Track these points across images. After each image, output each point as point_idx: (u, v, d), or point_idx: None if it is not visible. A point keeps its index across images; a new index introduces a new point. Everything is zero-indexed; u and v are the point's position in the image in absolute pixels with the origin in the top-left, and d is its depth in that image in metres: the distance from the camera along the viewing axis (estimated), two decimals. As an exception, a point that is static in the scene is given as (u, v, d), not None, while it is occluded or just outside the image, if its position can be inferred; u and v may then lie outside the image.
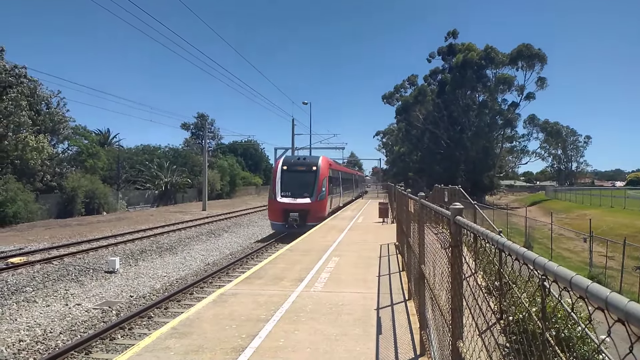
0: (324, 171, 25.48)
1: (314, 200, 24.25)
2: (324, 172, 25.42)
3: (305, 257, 12.09)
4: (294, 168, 25.39)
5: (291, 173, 25.02)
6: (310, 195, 24.27)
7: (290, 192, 24.23)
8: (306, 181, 24.56)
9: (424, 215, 5.45)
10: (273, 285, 8.96)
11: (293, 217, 23.56)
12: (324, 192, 24.81)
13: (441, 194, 16.19)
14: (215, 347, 5.62)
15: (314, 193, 24.36)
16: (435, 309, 4.25)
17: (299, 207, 23.90)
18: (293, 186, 24.33)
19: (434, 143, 63.76)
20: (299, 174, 25.02)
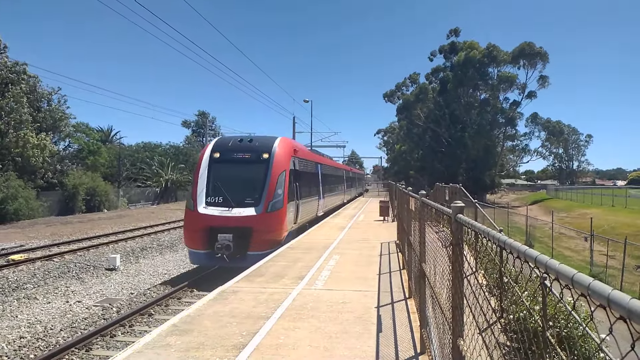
0: (282, 161, 15.50)
1: (261, 210, 14.27)
2: (282, 162, 15.47)
3: (306, 255, 12.09)
4: (230, 156, 15.57)
5: (226, 165, 15.35)
6: (255, 203, 14.47)
7: (221, 198, 14.56)
8: (251, 178, 15.04)
9: (425, 213, 5.45)
10: (274, 282, 8.96)
11: (224, 240, 13.71)
12: (280, 197, 14.71)
13: (442, 193, 16.18)
14: (216, 344, 5.63)
15: (263, 198, 14.47)
16: (436, 307, 4.25)
17: (235, 222, 14.03)
18: (227, 187, 14.66)
19: (435, 141, 63.73)
20: (238, 167, 15.33)
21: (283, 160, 15.65)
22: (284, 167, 15.50)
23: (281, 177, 15.10)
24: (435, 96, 62.21)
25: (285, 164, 15.68)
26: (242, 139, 16.24)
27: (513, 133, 63.65)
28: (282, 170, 15.30)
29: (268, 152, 15.43)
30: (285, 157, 15.91)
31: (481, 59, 57.01)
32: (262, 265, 10.79)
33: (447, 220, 3.75)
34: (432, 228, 5.30)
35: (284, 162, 15.62)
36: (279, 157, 15.49)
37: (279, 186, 14.82)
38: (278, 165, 15.21)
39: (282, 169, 15.33)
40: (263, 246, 13.69)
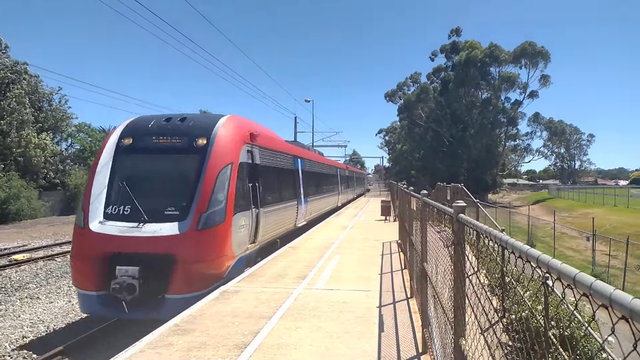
0: (226, 150, 10.38)
1: (188, 226, 9.00)
2: (226, 152, 10.35)
3: (307, 255, 12.10)
4: (148, 143, 10.36)
5: (139, 157, 10.29)
6: (180, 215, 9.24)
7: (127, 208, 9.46)
8: (176, 176, 10.19)
9: (426, 213, 5.44)
10: (275, 282, 8.96)
11: (124, 276, 8.49)
12: (220, 206, 9.53)
13: (444, 192, 16.17)
14: (218, 344, 5.63)
15: (193, 208, 9.26)
16: (438, 307, 4.25)
17: (146, 246, 8.78)
18: (138, 191, 9.66)
19: (436, 141, 63.71)
20: (158, 159, 10.22)
21: (229, 149, 10.29)
22: (230, 158, 10.15)
23: (223, 174, 9.77)
24: (436, 96, 62.18)
25: (233, 155, 10.33)
26: (171, 117, 10.67)
27: (515, 133, 63.63)
28: (227, 163, 9.97)
29: (206, 137, 10.04)
30: (232, 145, 10.49)
31: (483, 58, 56.95)
32: (263, 266, 10.80)
33: (448, 220, 3.76)
34: (434, 228, 5.30)
35: (230, 152, 10.27)
36: (223, 144, 10.14)
37: (218, 188, 9.49)
38: (220, 156, 9.90)
39: (227, 161, 10.00)
40: (192, 284, 8.52)
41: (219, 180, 9.63)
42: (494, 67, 58.65)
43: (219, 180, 9.65)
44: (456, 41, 62.41)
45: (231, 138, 10.56)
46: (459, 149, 59.04)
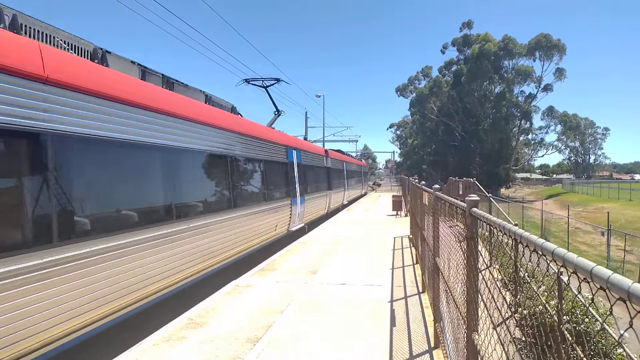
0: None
1: None
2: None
3: (318, 250, 12.12)
4: None
5: None
6: None
7: None
8: None
9: (438, 207, 5.41)
10: (287, 276, 9.00)
11: None
12: None
13: (456, 187, 16.05)
14: (231, 337, 5.68)
15: None
16: (450, 302, 4.23)
17: None
18: None
19: (448, 135, 63.23)
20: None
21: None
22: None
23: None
24: (448, 89, 61.63)
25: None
26: None
27: (528, 127, 62.82)
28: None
29: None
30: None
31: (496, 51, 56.24)
32: (275, 260, 10.85)
33: (461, 214, 3.73)
34: (446, 222, 5.27)
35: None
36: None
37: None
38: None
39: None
40: None
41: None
42: (507, 60, 57.90)
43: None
44: (468, 34, 61.74)
45: None
46: (472, 143, 58.55)
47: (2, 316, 4.21)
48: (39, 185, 4.78)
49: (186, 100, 8.48)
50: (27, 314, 4.45)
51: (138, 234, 6.24)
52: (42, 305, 4.64)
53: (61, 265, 4.89)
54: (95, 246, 5.39)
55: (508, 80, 57.63)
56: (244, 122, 11.79)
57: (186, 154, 7.83)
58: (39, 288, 4.59)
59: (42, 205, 4.79)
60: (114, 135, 5.92)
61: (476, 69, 56.74)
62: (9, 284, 4.28)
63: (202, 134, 8.58)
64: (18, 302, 4.37)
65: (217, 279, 8.89)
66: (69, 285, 5.01)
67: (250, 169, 11.62)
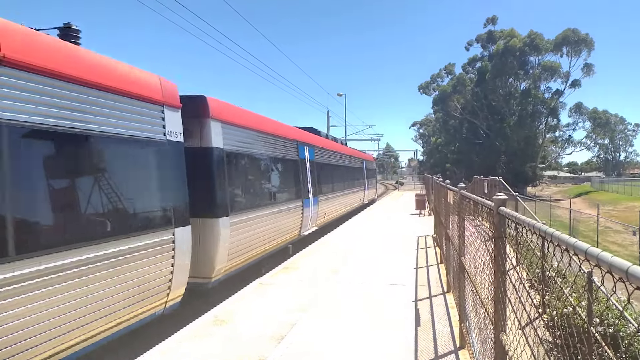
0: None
1: None
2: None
3: (340, 249, 12.12)
4: None
5: None
6: None
7: None
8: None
9: (464, 206, 5.35)
10: (310, 275, 9.04)
11: None
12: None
13: (481, 186, 15.83)
14: (255, 334, 5.74)
15: None
16: (477, 302, 4.18)
17: None
18: None
19: (472, 133, 62.28)
20: None
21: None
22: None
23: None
24: (472, 87, 60.69)
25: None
26: None
27: (555, 124, 61.26)
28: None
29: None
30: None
31: (522, 47, 55.07)
32: (297, 259, 10.90)
33: (487, 213, 3.68)
34: (471, 222, 5.21)
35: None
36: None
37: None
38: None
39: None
40: None
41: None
42: (533, 56, 56.63)
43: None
44: (492, 30, 60.66)
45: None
46: (496, 141, 57.51)
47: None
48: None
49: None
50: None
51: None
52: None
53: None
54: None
55: (534, 77, 56.39)
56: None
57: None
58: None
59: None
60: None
61: (501, 65, 55.68)
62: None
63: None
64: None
65: (242, 275, 8.99)
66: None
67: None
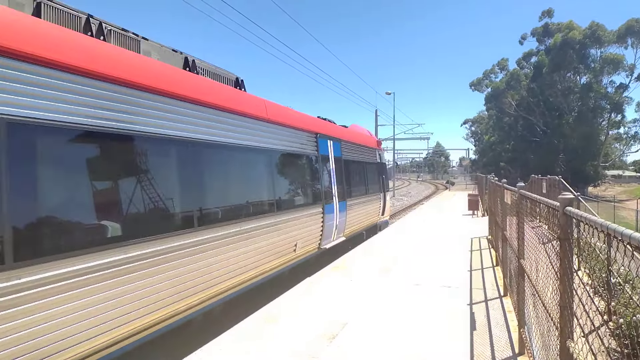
0: None
1: None
2: None
3: (390, 250, 11.98)
4: None
5: None
6: None
7: None
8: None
9: (523, 207, 5.13)
10: (359, 275, 8.98)
11: None
12: None
13: (539, 185, 15.15)
14: (306, 333, 5.77)
15: None
16: (538, 306, 3.99)
17: None
18: None
19: (528, 131, 59.78)
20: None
21: None
22: None
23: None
24: (528, 82, 58.26)
25: None
26: None
27: (620, 119, 57.60)
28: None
29: None
30: None
31: (582, 39, 52.25)
32: (346, 259, 10.87)
33: (548, 213, 3.51)
34: (529, 223, 4.99)
35: None
36: None
37: None
38: None
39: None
40: None
41: None
42: (594, 49, 53.55)
43: None
44: (548, 23, 57.99)
45: None
46: (554, 138, 54.87)
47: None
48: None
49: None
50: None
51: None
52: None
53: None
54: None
55: (595, 70, 53.30)
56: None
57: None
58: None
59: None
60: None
61: (559, 59, 53.06)
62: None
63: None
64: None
65: (292, 273, 9.09)
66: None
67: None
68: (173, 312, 5.60)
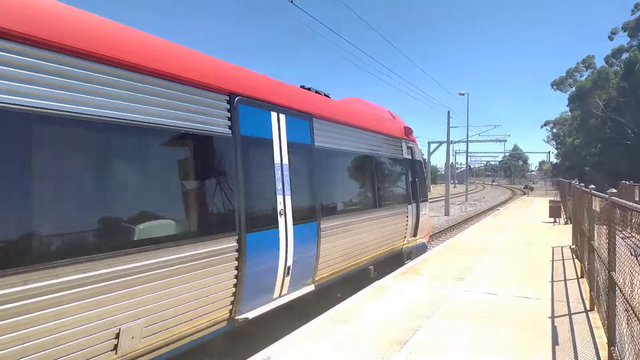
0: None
1: None
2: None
3: (463, 257, 11.54)
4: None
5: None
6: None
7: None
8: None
9: (615, 215, 4.73)
10: (431, 282, 8.75)
11: None
12: None
13: (630, 192, 13.93)
14: (374, 336, 5.70)
15: None
16: (633, 324, 3.64)
17: None
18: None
19: (617, 133, 55.06)
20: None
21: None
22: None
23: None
24: (618, 81, 53.71)
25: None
26: None
27: None
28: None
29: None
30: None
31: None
32: (417, 264, 10.63)
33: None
34: (620, 233, 4.58)
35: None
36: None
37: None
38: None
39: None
40: None
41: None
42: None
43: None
44: (644, 16, 53.14)
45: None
46: (648, 142, 50.10)
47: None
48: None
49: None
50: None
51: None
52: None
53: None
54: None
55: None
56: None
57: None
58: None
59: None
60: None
61: (656, 54, 48.43)
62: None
63: None
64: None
65: (361, 277, 9.04)
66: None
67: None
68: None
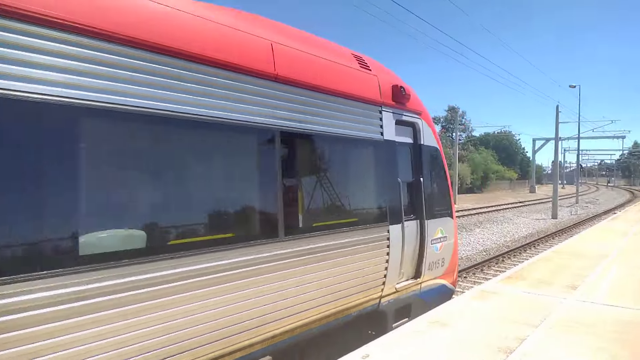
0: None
1: None
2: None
3: (575, 262, 10.57)
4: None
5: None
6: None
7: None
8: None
9: None
10: (538, 288, 8.12)
11: None
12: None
13: None
14: (479, 343, 5.42)
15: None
16: None
17: None
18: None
19: None
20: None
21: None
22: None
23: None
24: None
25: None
26: None
27: None
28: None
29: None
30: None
31: None
32: (523, 269, 9.96)
33: None
34: None
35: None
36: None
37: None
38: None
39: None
40: None
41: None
42: None
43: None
44: None
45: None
46: None
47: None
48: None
49: None
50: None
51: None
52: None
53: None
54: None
55: None
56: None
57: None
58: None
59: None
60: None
61: None
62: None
63: None
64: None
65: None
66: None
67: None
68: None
